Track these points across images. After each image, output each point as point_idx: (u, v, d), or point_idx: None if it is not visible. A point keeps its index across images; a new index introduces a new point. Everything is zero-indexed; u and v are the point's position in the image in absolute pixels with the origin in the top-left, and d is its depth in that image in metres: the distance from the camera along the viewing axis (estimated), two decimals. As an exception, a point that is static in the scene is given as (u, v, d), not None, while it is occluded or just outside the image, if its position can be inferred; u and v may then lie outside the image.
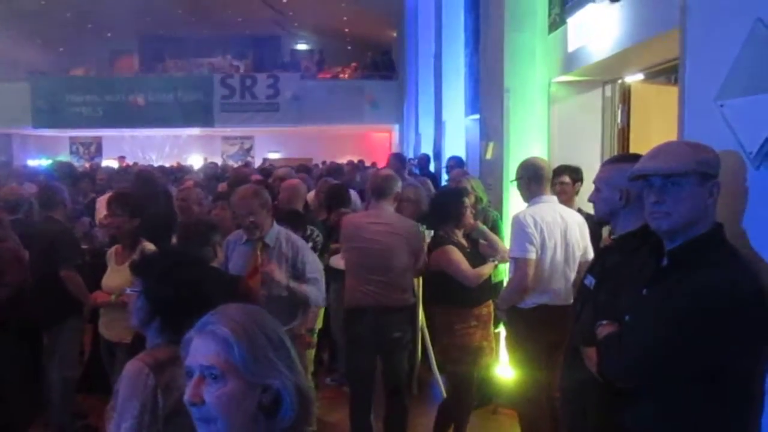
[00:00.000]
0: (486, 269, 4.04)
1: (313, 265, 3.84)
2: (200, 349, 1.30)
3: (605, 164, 2.67)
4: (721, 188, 1.92)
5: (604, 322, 2.09)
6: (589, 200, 2.54)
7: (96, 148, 22.17)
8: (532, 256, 3.65)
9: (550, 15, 5.01)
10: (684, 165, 1.88)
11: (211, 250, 3.30)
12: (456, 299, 3.99)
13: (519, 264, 3.68)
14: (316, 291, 3.78)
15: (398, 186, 4.16)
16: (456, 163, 8.06)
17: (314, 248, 4.72)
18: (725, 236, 1.93)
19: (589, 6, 3.82)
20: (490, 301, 4.22)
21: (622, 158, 2.79)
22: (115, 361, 4.01)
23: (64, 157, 19.44)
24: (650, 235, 2.23)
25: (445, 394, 4.36)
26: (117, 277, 4.04)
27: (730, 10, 2.16)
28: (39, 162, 16.44)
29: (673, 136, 4.19)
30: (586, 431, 2.40)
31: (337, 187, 5.74)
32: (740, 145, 1.96)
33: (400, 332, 4.02)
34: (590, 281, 2.50)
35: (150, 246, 4.03)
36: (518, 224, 3.71)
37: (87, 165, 16.01)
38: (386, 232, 4.00)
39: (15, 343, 4.37)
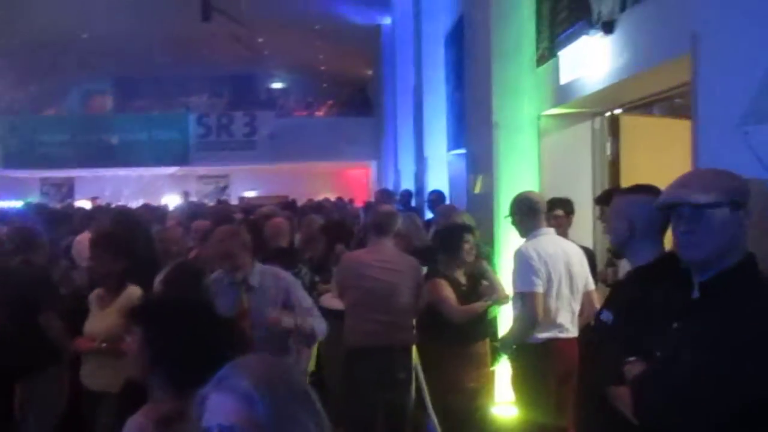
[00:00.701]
0: (475, 307, 3.96)
1: (306, 298, 3.66)
2: (219, 406, 1.17)
3: (616, 195, 2.62)
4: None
5: (632, 358, 1.98)
6: (605, 232, 2.47)
7: (68, 190, 21.78)
8: (540, 289, 3.57)
9: (538, 49, 5.03)
10: (714, 194, 1.81)
11: (206, 294, 3.15)
12: (447, 336, 3.93)
13: (526, 298, 3.59)
14: (319, 320, 3.56)
15: (398, 222, 4.09)
16: (438, 197, 8.00)
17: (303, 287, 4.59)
18: (758, 266, 1.86)
19: (583, 39, 3.82)
20: (486, 340, 4.13)
21: (632, 189, 2.74)
22: (100, 411, 3.79)
23: (35, 198, 19.03)
24: (668, 267, 2.16)
25: None
26: (101, 321, 3.85)
27: (745, 35, 2.13)
28: (9, 204, 16.06)
29: (661, 166, 4.21)
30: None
31: (338, 222, 5.65)
32: (769, 171, 1.91)
33: (404, 372, 3.89)
34: (607, 317, 2.40)
35: (136, 289, 3.85)
36: (522, 258, 3.63)
37: (59, 206, 15.67)
38: (389, 270, 3.90)
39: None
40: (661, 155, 4.66)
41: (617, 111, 4.86)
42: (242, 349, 1.91)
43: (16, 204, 14.33)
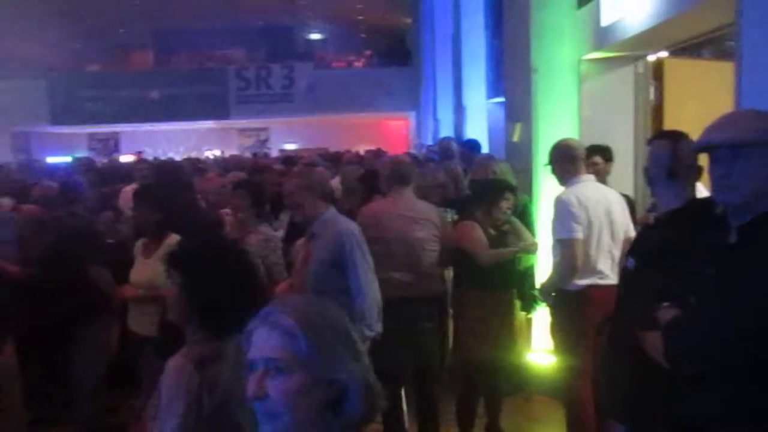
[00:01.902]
0: (504, 252, 3.93)
1: (361, 268, 3.40)
2: (265, 341, 1.23)
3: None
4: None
5: (666, 304, 1.96)
6: None
7: (114, 144, 22.27)
8: (579, 235, 3.53)
9: (578, -11, 4.85)
10: (752, 135, 1.76)
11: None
12: (473, 281, 3.91)
13: (566, 245, 3.55)
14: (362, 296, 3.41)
15: (414, 171, 4.05)
16: (469, 147, 7.57)
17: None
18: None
19: (625, -23, 3.67)
20: (512, 291, 4.10)
21: (657, 136, 2.68)
22: (144, 355, 3.96)
23: (82, 153, 19.52)
24: (699, 212, 2.12)
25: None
26: (145, 270, 3.97)
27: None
28: (58, 159, 16.52)
29: (708, 112, 4.06)
30: (642, 420, 2.29)
31: (376, 172, 5.61)
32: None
33: (431, 322, 3.91)
34: (631, 263, 2.40)
35: (176, 239, 3.96)
36: (562, 205, 3.59)
37: (105, 160, 16.05)
38: (411, 219, 3.86)
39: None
40: (708, 100, 4.50)
41: (662, 54, 4.69)
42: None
43: (65, 159, 14.72)
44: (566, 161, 3.78)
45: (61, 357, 4.45)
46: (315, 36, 23.24)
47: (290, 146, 20.75)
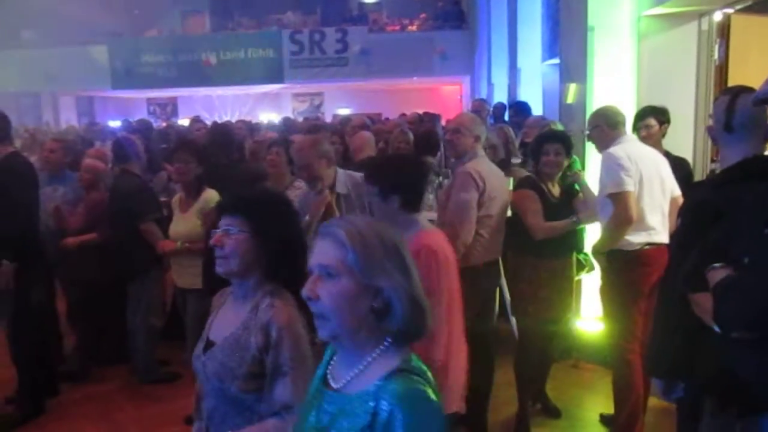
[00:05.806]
0: (559, 225, 3.78)
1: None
2: (321, 249, 1.36)
3: None
4: None
5: (717, 265, 1.87)
6: None
7: (171, 109, 22.70)
8: (631, 188, 3.42)
9: (640, -58, 4.61)
10: (820, 84, 1.64)
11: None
12: (528, 247, 3.80)
13: (618, 198, 3.44)
14: None
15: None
16: (519, 109, 7.52)
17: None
18: None
19: (689, -75, 3.46)
20: (572, 255, 3.99)
21: (721, 92, 2.54)
22: (187, 306, 4.06)
23: (141, 117, 19.98)
24: (753, 168, 2.02)
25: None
26: (183, 224, 4.06)
27: None
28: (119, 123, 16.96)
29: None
30: (694, 384, 2.22)
31: (427, 133, 5.54)
32: None
33: (491, 286, 3.89)
34: (681, 222, 2.32)
35: (213, 193, 4.02)
36: (611, 159, 3.49)
37: (164, 124, 16.38)
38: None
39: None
40: (777, 60, 4.26)
41: (728, 10, 4.43)
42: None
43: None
44: (609, 125, 3.69)
45: (120, 311, 4.63)
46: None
47: (344, 111, 20.73)
